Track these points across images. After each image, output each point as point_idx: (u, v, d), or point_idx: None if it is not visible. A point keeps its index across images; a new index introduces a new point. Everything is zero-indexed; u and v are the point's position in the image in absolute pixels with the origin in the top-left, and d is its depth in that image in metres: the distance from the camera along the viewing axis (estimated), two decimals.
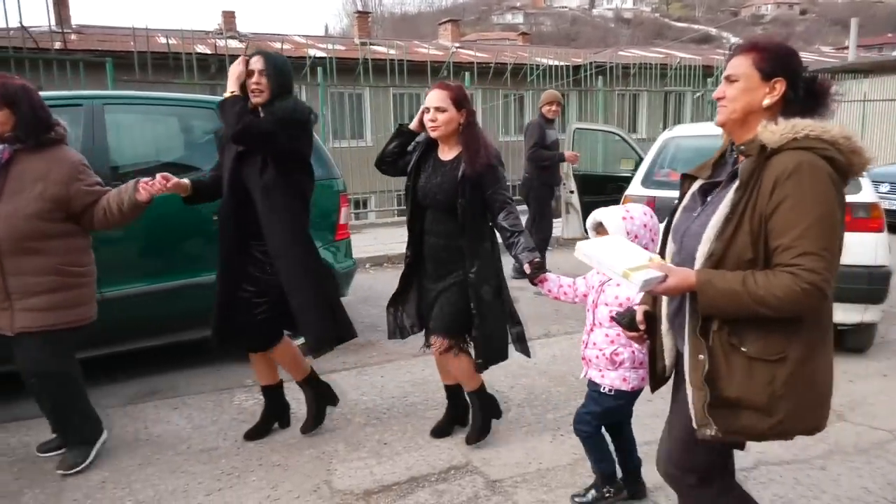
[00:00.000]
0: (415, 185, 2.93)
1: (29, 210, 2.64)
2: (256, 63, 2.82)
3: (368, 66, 9.07)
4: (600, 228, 2.38)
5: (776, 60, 1.64)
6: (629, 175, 6.36)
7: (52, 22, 12.48)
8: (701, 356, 1.62)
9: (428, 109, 2.79)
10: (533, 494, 2.63)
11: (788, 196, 1.53)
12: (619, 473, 2.58)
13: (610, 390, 2.42)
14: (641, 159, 6.37)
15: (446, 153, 2.90)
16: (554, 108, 6.18)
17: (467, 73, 10.08)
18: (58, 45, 10.24)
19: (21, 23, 7.90)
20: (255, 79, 2.81)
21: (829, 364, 1.67)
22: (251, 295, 2.92)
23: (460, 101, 2.81)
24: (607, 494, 2.54)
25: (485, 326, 2.83)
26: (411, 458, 2.92)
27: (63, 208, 2.72)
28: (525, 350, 2.95)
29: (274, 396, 3.22)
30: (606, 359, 2.40)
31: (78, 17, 16.29)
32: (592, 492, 2.56)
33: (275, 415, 3.23)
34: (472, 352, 2.94)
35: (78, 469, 2.82)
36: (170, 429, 3.22)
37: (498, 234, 2.87)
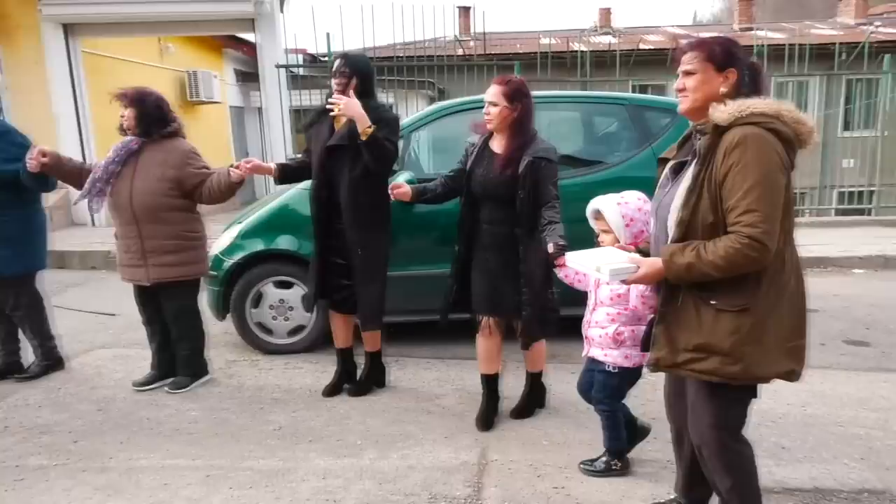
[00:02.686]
0: (470, 177, 3.08)
1: (154, 188, 3.43)
2: (336, 64, 3.22)
3: (764, 54, 8.47)
4: (598, 215, 2.52)
5: (726, 54, 1.89)
6: None
7: (458, 32, 14.60)
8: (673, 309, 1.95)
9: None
10: None
11: (734, 163, 1.78)
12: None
13: (614, 368, 2.59)
14: None
15: (499, 146, 3.04)
16: None
17: (887, 56, 8.63)
18: (460, 51, 12.01)
19: (457, 36, 9.48)
20: (335, 81, 3.21)
21: (796, 315, 1.90)
22: (337, 267, 3.38)
23: (513, 97, 2.93)
24: (614, 467, 2.72)
25: (535, 308, 2.99)
26: (815, 470, 2.79)
27: (178, 187, 3.47)
28: (551, 333, 3.16)
29: (347, 358, 3.67)
30: (610, 338, 2.57)
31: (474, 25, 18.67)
32: (601, 461, 2.74)
33: (347, 373, 3.68)
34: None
35: (182, 391, 3.66)
36: (570, 388, 3.64)
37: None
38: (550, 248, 2.66)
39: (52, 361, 3.99)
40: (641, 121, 4.31)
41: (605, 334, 2.61)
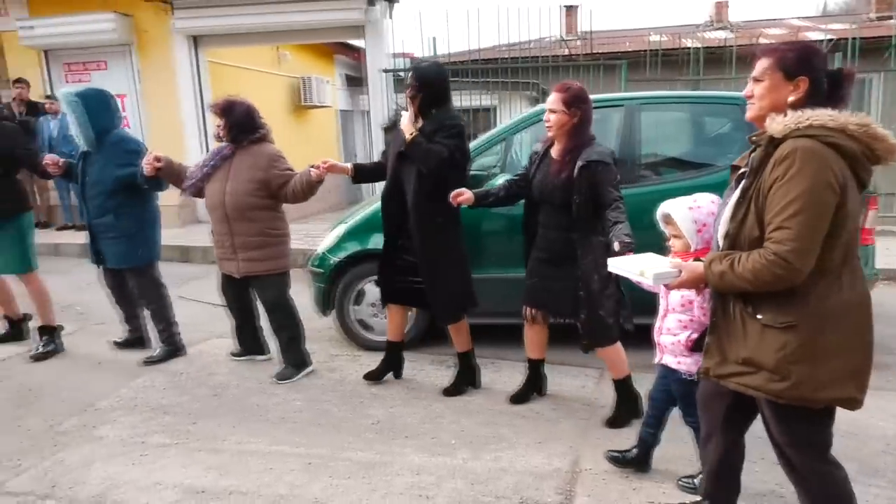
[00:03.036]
0: (531, 182, 3.20)
1: (243, 189, 3.70)
2: (409, 76, 3.34)
3: None
4: (668, 220, 2.42)
5: (799, 61, 1.82)
6: None
7: (563, 32, 14.40)
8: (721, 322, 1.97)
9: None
10: None
11: (778, 177, 1.73)
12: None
13: (689, 376, 2.48)
14: None
15: (557, 152, 3.12)
16: None
17: None
18: (564, 51, 11.79)
19: (561, 36, 9.38)
20: (406, 92, 3.34)
21: (855, 340, 1.81)
22: (408, 263, 3.52)
23: (572, 103, 3.01)
24: None
25: (592, 312, 3.03)
26: None
27: (265, 188, 3.73)
28: (608, 340, 3.15)
29: (394, 351, 3.85)
30: (682, 345, 2.47)
31: (581, 24, 18.28)
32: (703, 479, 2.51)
33: (392, 366, 3.88)
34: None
35: (288, 381, 3.87)
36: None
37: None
38: (616, 246, 2.69)
39: (173, 347, 4.35)
40: None
41: (676, 341, 2.52)
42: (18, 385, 3.95)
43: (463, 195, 3.27)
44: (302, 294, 5.18)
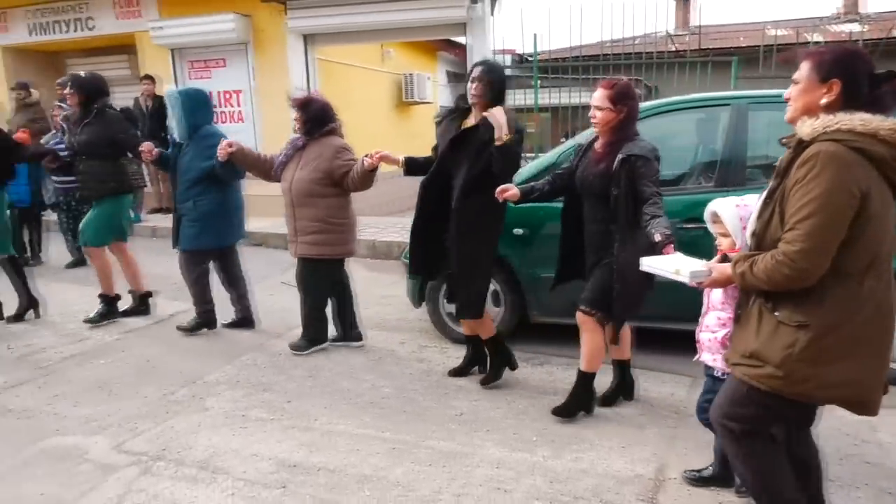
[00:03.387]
0: (574, 174, 3.24)
1: (309, 177, 3.96)
2: (475, 71, 3.33)
3: None
4: (716, 218, 2.41)
5: (832, 64, 1.82)
6: None
7: (673, 27, 13.84)
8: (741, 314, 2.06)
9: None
10: None
11: (798, 180, 1.76)
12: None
13: (723, 374, 2.41)
14: None
15: (600, 145, 3.13)
16: None
17: None
18: (672, 47, 11.34)
19: (668, 32, 9.06)
20: (472, 86, 3.31)
21: (872, 343, 1.84)
22: (445, 249, 3.50)
23: (618, 100, 2.99)
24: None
25: (624, 306, 3.04)
26: None
27: (328, 177, 3.97)
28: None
29: (474, 345, 3.88)
30: (718, 342, 2.43)
31: (695, 18, 17.57)
32: None
33: (475, 361, 3.93)
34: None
35: (298, 354, 4.21)
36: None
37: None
38: (657, 237, 2.68)
39: (203, 321, 4.74)
40: None
41: (713, 338, 2.46)
42: (138, 356, 4.34)
43: (509, 191, 3.27)
44: (397, 285, 5.35)
